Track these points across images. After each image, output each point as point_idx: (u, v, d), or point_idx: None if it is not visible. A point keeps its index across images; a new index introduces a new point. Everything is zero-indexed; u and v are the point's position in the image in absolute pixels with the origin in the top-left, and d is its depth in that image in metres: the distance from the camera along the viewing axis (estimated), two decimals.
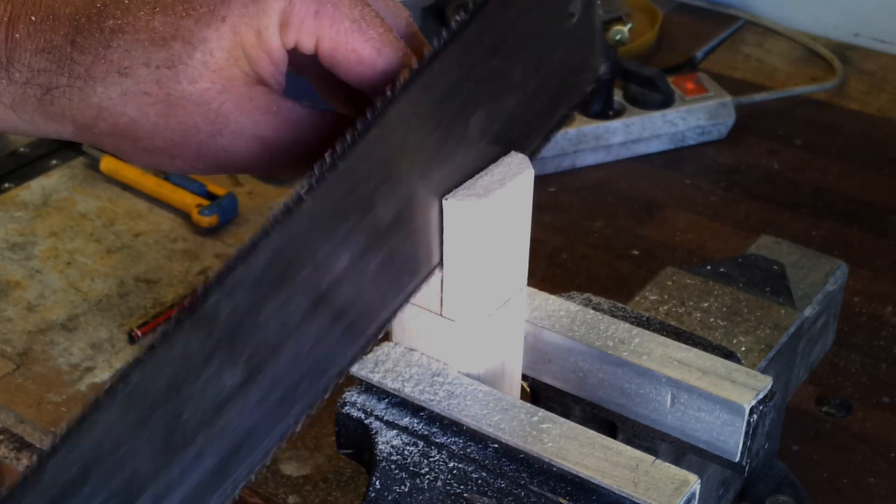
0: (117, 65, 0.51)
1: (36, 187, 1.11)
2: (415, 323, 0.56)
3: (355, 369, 0.56)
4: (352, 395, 0.56)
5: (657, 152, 1.19)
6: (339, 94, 0.57)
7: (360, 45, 0.52)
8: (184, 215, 1.07)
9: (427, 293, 0.54)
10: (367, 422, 0.55)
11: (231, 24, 0.50)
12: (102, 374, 0.89)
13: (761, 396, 0.56)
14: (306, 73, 0.57)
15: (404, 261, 0.53)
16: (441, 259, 0.54)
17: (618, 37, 1.32)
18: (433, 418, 0.54)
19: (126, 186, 1.11)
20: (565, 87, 0.60)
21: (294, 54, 0.53)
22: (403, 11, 0.56)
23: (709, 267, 0.78)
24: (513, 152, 0.55)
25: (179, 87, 0.51)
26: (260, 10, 0.50)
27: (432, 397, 0.54)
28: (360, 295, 0.51)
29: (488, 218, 0.53)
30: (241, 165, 0.54)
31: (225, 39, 0.50)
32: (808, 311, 0.76)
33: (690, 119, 1.18)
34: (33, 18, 0.51)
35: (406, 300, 0.54)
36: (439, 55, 0.50)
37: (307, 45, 0.52)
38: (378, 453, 0.54)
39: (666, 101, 1.18)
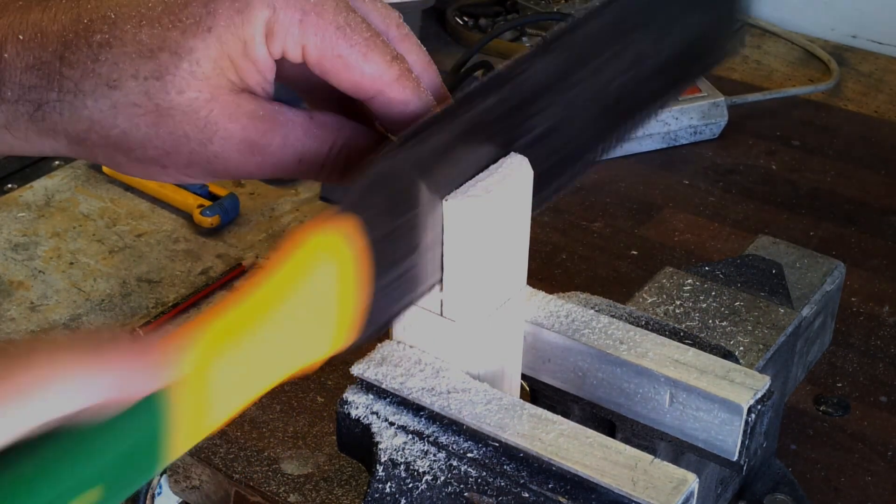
0: (106, 77, 0.51)
1: (39, 188, 1.11)
2: (415, 323, 0.56)
3: (356, 369, 0.56)
4: (353, 395, 0.56)
5: (651, 151, 1.19)
6: (329, 105, 0.57)
7: (346, 51, 0.52)
8: (185, 216, 1.07)
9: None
10: (367, 421, 0.55)
11: (217, 35, 0.51)
12: None
13: (759, 396, 0.56)
14: (294, 84, 0.58)
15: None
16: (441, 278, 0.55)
17: None
18: (433, 417, 0.55)
19: (128, 187, 1.11)
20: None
21: (283, 65, 0.54)
22: (393, 13, 0.56)
23: (707, 267, 0.78)
24: (512, 153, 0.56)
25: (168, 98, 0.51)
26: (245, 21, 0.51)
27: (433, 397, 0.55)
28: None
29: (488, 218, 0.53)
30: (234, 171, 0.55)
31: (211, 49, 0.51)
32: (806, 311, 0.76)
33: (683, 119, 1.19)
34: (21, 38, 0.52)
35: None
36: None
37: (294, 54, 0.52)
38: (378, 452, 0.54)
39: None
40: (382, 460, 0.54)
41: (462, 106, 0.53)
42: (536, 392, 0.62)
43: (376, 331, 0.54)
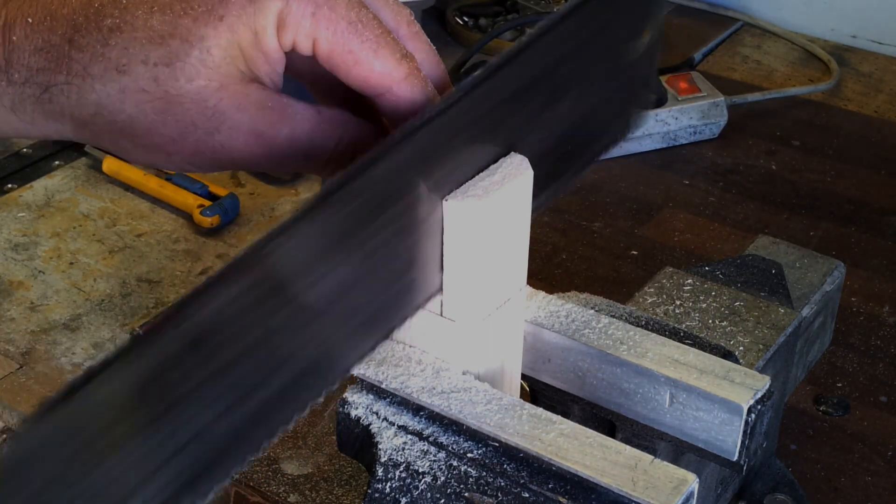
0: (115, 62, 0.51)
1: (39, 188, 1.11)
2: (415, 323, 0.56)
3: (356, 369, 0.56)
4: (353, 395, 0.56)
5: (650, 151, 1.19)
6: (336, 100, 0.57)
7: (357, 47, 0.52)
8: (185, 216, 1.07)
9: None
10: (367, 421, 0.55)
11: (228, 24, 0.51)
12: None
13: (759, 396, 0.56)
14: (303, 77, 0.58)
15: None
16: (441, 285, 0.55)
17: None
18: (433, 417, 0.55)
19: (128, 187, 1.11)
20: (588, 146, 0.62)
21: (292, 58, 0.54)
22: (404, 10, 0.56)
23: (707, 267, 0.78)
24: (512, 153, 0.56)
25: (177, 85, 0.51)
26: (257, 11, 0.51)
27: (433, 397, 0.55)
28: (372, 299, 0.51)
29: (488, 218, 0.53)
30: (239, 162, 0.55)
31: (222, 38, 0.51)
32: (806, 311, 0.76)
33: (682, 119, 1.19)
34: (30, 20, 0.52)
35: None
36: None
37: (304, 47, 0.52)
38: (379, 452, 0.54)
39: (658, 101, 1.18)
40: (382, 460, 0.54)
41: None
42: (536, 392, 0.62)
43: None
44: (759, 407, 0.56)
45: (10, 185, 1.12)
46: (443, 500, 0.52)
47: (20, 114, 0.54)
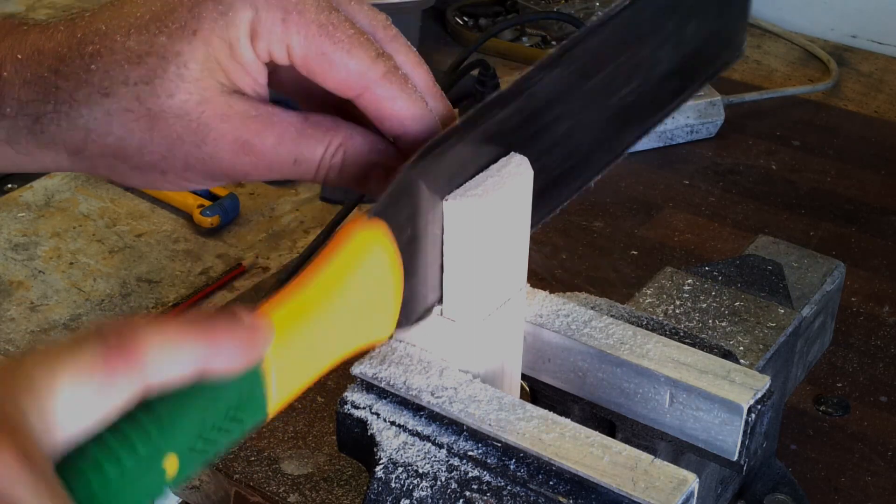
0: (98, 86, 0.53)
1: (39, 188, 1.11)
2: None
3: (356, 369, 0.56)
4: (353, 394, 0.56)
5: (650, 151, 1.19)
6: (327, 110, 0.58)
7: (330, 49, 0.53)
8: (185, 216, 1.07)
9: None
10: (367, 421, 0.55)
11: (202, 37, 0.52)
12: None
13: (759, 396, 0.56)
14: (293, 93, 0.58)
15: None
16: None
17: None
18: (433, 417, 0.55)
19: (128, 187, 1.11)
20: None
21: (279, 74, 0.54)
22: (380, 15, 0.57)
23: (707, 267, 0.78)
24: (512, 153, 0.56)
25: (158, 101, 0.52)
26: (229, 23, 0.52)
27: (433, 396, 0.55)
28: None
29: (488, 218, 0.53)
30: (230, 172, 0.55)
31: (198, 52, 0.52)
32: (806, 311, 0.76)
33: (679, 118, 1.19)
34: (19, 56, 0.54)
35: None
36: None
37: (280, 55, 0.53)
38: (379, 452, 0.54)
39: None
40: (382, 460, 0.54)
41: (477, 119, 0.53)
42: (536, 392, 0.62)
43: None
44: (759, 407, 0.56)
45: (10, 185, 1.12)
46: (443, 501, 0.52)
47: (15, 146, 0.55)
